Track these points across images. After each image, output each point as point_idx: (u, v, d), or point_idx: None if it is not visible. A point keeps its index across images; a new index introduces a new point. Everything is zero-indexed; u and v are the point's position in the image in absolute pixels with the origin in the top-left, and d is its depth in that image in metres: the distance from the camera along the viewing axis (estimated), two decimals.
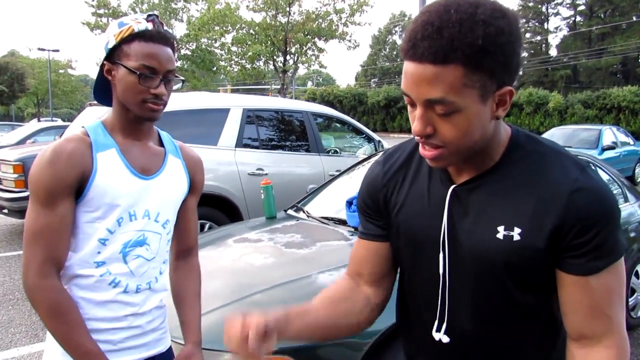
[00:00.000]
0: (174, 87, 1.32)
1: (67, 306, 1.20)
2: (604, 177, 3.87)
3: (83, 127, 1.29)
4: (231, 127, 4.91)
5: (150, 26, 1.24)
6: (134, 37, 1.22)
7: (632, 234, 3.67)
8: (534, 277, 0.93)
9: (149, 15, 1.27)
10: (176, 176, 1.39)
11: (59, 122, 19.74)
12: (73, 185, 1.20)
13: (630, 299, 3.77)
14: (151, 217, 1.31)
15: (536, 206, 0.89)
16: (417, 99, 0.85)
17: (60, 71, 41.19)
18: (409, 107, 0.90)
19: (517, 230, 0.89)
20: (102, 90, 1.34)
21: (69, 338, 1.20)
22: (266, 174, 4.85)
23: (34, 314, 3.93)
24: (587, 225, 0.86)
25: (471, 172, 0.95)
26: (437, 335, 1.01)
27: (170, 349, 1.46)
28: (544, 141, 0.96)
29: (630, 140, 12.61)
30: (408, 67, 0.83)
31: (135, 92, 1.23)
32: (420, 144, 0.91)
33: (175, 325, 1.97)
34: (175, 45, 1.33)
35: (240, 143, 4.94)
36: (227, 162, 4.78)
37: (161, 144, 1.40)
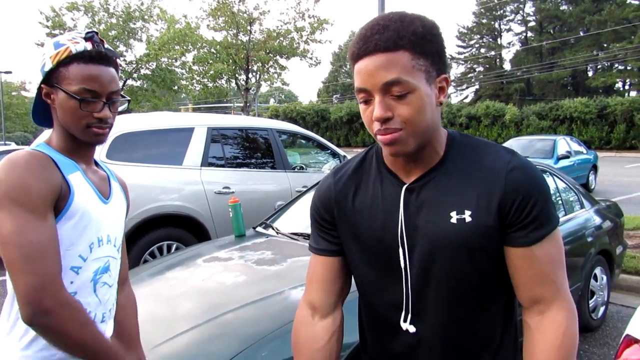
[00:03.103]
0: (120, 109, 1.25)
1: (90, 319, 1.14)
2: (561, 185, 4.02)
3: (32, 149, 1.19)
4: (196, 146, 4.88)
5: (89, 46, 1.17)
6: (72, 59, 1.15)
7: (589, 239, 3.81)
8: (489, 257, 1.01)
9: (87, 34, 1.19)
10: (120, 199, 1.35)
11: (13, 146, 19.09)
12: (55, 194, 1.11)
13: (590, 301, 3.90)
14: (111, 242, 1.28)
15: (481, 189, 1.00)
16: (374, 86, 0.95)
17: (14, 93, 39.89)
18: (362, 107, 1.00)
19: (467, 213, 0.99)
20: (42, 112, 1.26)
21: (99, 342, 1.13)
22: (233, 192, 4.82)
23: None
24: (525, 198, 0.98)
25: (419, 171, 1.05)
26: (404, 326, 1.08)
27: None
28: (474, 137, 1.10)
29: (583, 149, 13.10)
30: (361, 64, 0.96)
31: (78, 117, 1.16)
32: (379, 135, 0.98)
33: (153, 346, 1.96)
34: (119, 63, 1.27)
35: (206, 162, 4.91)
36: (193, 182, 4.74)
37: (96, 165, 1.35)
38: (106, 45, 1.22)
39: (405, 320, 1.08)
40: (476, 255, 1.01)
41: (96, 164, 1.34)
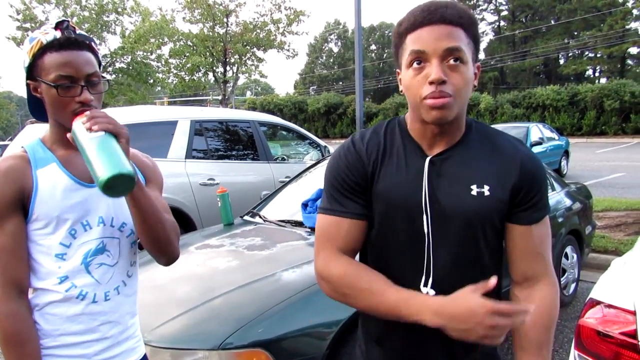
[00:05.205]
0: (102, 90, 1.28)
1: (24, 337, 1.17)
2: None
3: (22, 146, 1.28)
4: (180, 139, 4.95)
5: (58, 34, 1.20)
6: (44, 49, 1.19)
7: (560, 219, 4.02)
8: (494, 229, 1.16)
9: (57, 23, 1.22)
10: None
11: None
12: (14, 202, 1.18)
13: (562, 279, 4.11)
14: (106, 223, 1.30)
15: (498, 169, 1.14)
16: (435, 51, 1.04)
17: None
18: (412, 72, 1.07)
19: (486, 187, 1.13)
20: (38, 107, 1.31)
21: None
22: (217, 184, 4.92)
23: None
24: (534, 184, 1.15)
25: (442, 145, 1.16)
26: (424, 290, 1.14)
27: (145, 357, 1.46)
28: (483, 123, 1.24)
29: (555, 135, 13.41)
30: (423, 31, 1.05)
31: (61, 105, 1.20)
32: (429, 99, 1.05)
33: (151, 329, 2.07)
34: (94, 46, 1.27)
35: (190, 154, 4.98)
36: (177, 174, 4.81)
37: None
38: (78, 31, 1.24)
39: (425, 285, 1.14)
40: (487, 225, 1.14)
41: None
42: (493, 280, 1.00)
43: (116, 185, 1.08)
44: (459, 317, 0.98)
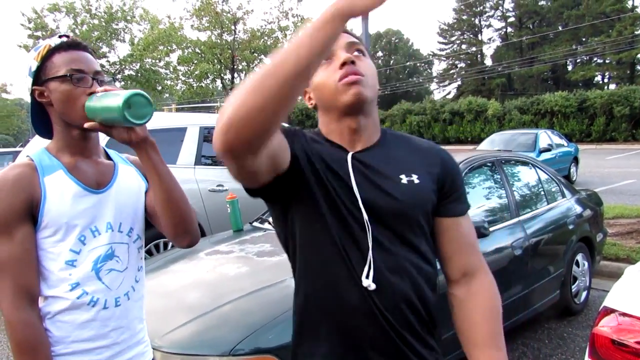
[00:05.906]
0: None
1: (37, 344, 1.18)
2: (543, 176, 4.19)
3: (27, 155, 1.29)
4: (189, 146, 4.98)
5: (65, 39, 1.28)
6: (52, 51, 1.25)
7: (571, 227, 3.99)
8: (429, 216, 1.16)
9: (59, 35, 1.30)
10: (131, 181, 1.38)
11: None
12: (23, 210, 1.19)
13: (572, 286, 4.08)
14: (114, 228, 1.31)
15: (422, 160, 1.19)
16: (339, 44, 1.11)
17: None
18: (323, 66, 1.12)
19: (415, 176, 1.14)
20: (40, 122, 1.33)
21: None
22: (226, 190, 4.93)
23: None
24: (454, 176, 1.21)
25: (360, 146, 1.16)
26: (366, 282, 1.07)
27: None
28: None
29: (564, 142, 13.34)
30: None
31: (73, 99, 1.22)
32: (343, 78, 1.09)
33: (162, 334, 2.08)
34: (94, 54, 1.36)
35: (199, 161, 5.01)
36: (187, 180, 4.82)
37: (109, 158, 1.41)
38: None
39: (367, 277, 1.08)
40: (421, 213, 1.13)
41: (108, 155, 1.41)
42: None
43: (135, 105, 1.14)
44: None
